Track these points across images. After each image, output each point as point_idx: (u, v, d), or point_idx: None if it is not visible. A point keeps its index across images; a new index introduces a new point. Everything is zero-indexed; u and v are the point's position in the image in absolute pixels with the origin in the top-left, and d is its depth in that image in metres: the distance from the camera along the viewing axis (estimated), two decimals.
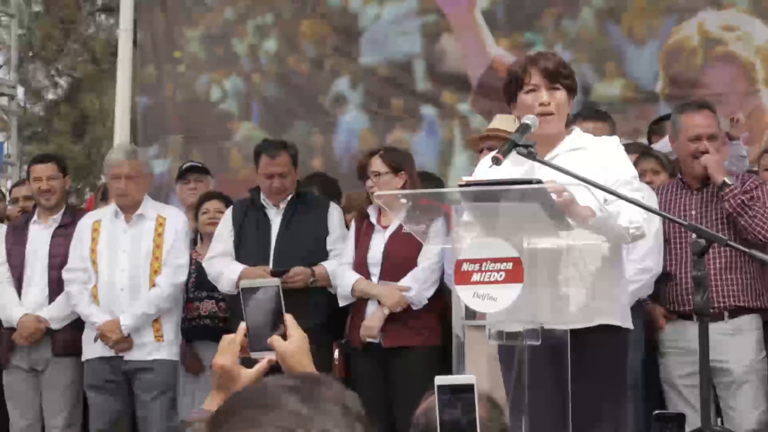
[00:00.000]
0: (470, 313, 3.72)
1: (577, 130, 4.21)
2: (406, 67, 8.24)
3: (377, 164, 5.81)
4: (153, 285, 6.14)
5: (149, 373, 6.10)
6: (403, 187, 5.59)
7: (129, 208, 6.23)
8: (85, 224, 6.33)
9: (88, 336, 6.21)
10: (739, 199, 5.22)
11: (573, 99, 4.16)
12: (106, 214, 6.35)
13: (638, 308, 5.18)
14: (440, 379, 2.53)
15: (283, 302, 2.70)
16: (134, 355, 6.13)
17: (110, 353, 6.12)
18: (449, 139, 8.08)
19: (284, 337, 2.67)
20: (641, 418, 5.21)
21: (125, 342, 6.09)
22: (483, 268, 3.63)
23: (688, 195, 5.45)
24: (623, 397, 4.19)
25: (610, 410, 4.04)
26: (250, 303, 2.73)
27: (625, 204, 3.78)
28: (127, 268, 6.15)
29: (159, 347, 6.15)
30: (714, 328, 5.10)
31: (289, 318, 2.70)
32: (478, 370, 4.25)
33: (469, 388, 2.47)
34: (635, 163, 5.14)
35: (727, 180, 5.26)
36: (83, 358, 6.25)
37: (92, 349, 6.16)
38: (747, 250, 3.79)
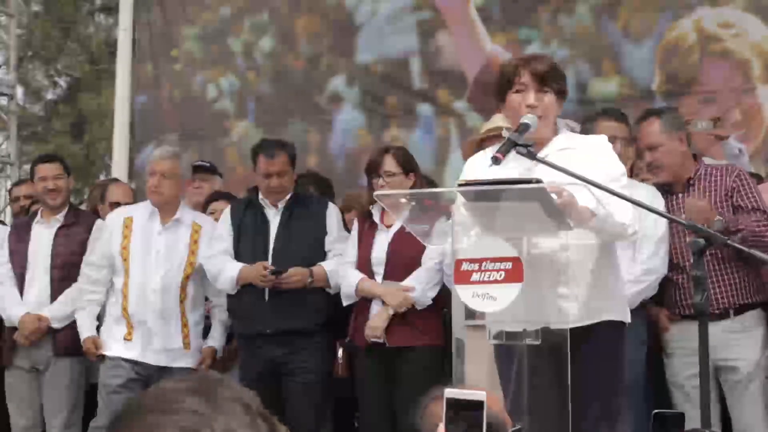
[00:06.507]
0: (470, 313, 3.72)
1: (565, 131, 4.22)
2: (401, 65, 8.24)
3: (391, 164, 5.72)
4: (182, 290, 6.05)
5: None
6: (412, 189, 5.46)
7: (166, 211, 6.13)
8: (115, 219, 6.22)
9: (110, 332, 6.06)
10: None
11: (563, 102, 4.18)
12: (137, 212, 6.22)
13: (640, 309, 5.14)
14: (450, 392, 2.46)
15: None
16: (161, 360, 5.98)
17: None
18: (445, 136, 8.07)
19: None
20: (644, 419, 5.20)
21: None
22: (482, 268, 3.62)
23: (674, 199, 5.36)
24: (623, 389, 4.20)
25: (609, 402, 4.07)
26: None
27: (615, 204, 3.77)
28: (161, 270, 6.05)
29: (185, 355, 6.03)
30: (721, 326, 5.12)
31: None
32: (478, 370, 4.26)
33: (478, 406, 2.42)
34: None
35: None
36: (106, 354, 6.06)
37: (120, 347, 6.01)
38: (747, 249, 3.79)
